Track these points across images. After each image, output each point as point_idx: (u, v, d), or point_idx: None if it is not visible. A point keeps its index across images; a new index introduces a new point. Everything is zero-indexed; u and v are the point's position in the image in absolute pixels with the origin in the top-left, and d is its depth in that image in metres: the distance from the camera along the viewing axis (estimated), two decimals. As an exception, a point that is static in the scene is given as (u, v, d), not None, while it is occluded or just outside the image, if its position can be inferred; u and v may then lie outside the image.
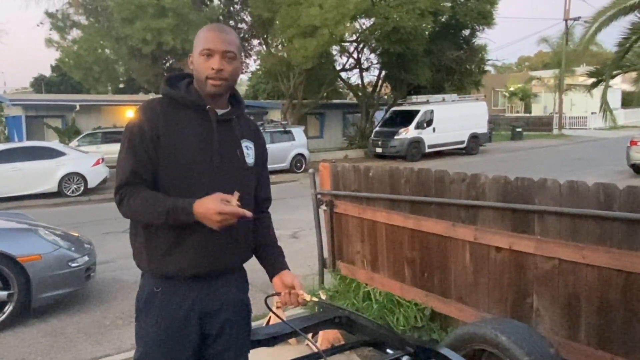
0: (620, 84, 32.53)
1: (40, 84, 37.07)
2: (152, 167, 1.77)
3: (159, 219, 1.71)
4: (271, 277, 1.98)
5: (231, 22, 21.98)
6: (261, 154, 2.00)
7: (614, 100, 34.87)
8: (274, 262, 2.00)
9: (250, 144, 1.94)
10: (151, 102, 1.85)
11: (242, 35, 22.52)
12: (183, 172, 1.77)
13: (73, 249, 5.18)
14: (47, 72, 37.83)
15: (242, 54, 1.94)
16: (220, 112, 1.86)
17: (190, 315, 1.82)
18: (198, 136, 1.80)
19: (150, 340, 1.83)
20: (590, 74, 9.07)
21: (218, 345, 1.88)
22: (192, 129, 1.80)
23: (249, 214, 1.68)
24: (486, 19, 22.65)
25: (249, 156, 1.92)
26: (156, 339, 1.82)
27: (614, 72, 8.21)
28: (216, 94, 1.82)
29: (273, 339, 2.57)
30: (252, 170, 1.93)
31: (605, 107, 8.44)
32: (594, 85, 8.67)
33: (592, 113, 32.45)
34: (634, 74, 8.62)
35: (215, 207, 1.63)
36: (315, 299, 1.92)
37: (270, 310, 2.05)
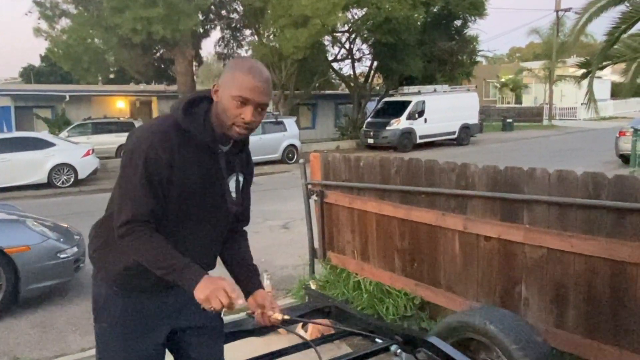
0: (609, 75, 32.67)
1: (29, 74, 36.66)
2: (165, 200, 1.69)
3: (159, 270, 1.64)
4: (246, 297, 1.94)
5: (223, 12, 21.83)
6: (248, 184, 1.97)
7: (604, 91, 35.06)
8: (249, 282, 1.97)
9: (241, 177, 1.90)
10: (165, 128, 1.70)
11: (233, 25, 22.38)
12: (185, 209, 1.73)
13: (62, 239, 5.15)
14: (37, 62, 37.46)
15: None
16: (224, 148, 1.79)
17: (156, 313, 1.79)
18: (206, 177, 1.74)
19: (113, 340, 1.76)
20: (580, 65, 9.09)
21: (191, 336, 1.87)
22: (201, 168, 1.73)
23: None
24: (478, 10, 22.64)
25: (237, 190, 1.88)
26: (119, 338, 1.76)
27: (604, 63, 8.22)
28: (238, 140, 1.77)
29: (263, 329, 2.57)
30: (237, 202, 1.90)
31: (590, 96, 8.46)
32: (584, 76, 8.68)
33: (582, 104, 32.52)
34: (623, 65, 8.62)
35: (232, 287, 1.60)
36: (287, 317, 1.90)
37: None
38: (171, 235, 1.71)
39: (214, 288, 1.56)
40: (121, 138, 17.03)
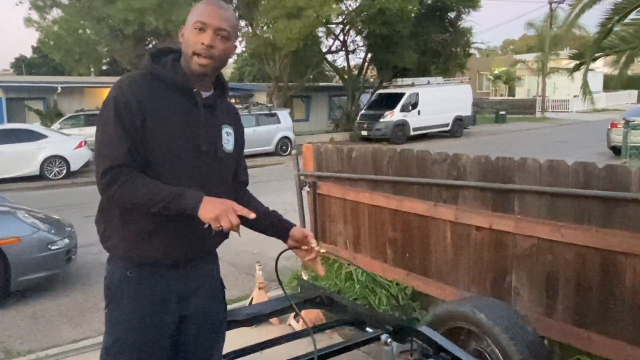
0: (602, 67, 32.73)
1: (21, 65, 36.38)
2: (143, 148, 1.65)
3: (157, 205, 1.60)
4: (285, 241, 1.95)
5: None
6: (240, 139, 1.93)
7: (596, 83, 35.11)
8: (278, 226, 1.96)
9: (231, 130, 1.87)
10: (134, 75, 1.71)
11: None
12: (169, 157, 1.68)
13: (53, 231, 5.12)
14: (28, 53, 37.15)
15: (236, 37, 1.84)
16: (204, 94, 1.76)
17: (168, 298, 1.76)
18: (184, 120, 1.70)
19: (125, 327, 1.74)
20: (573, 57, 9.08)
21: (195, 325, 1.83)
22: (177, 111, 1.69)
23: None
24: (472, 1, 22.63)
25: (229, 142, 1.85)
26: (132, 325, 1.73)
27: (597, 55, 8.21)
28: (202, 74, 1.71)
29: (254, 319, 2.58)
30: (231, 156, 1.87)
31: (585, 88, 8.45)
32: (576, 67, 8.67)
33: (575, 96, 32.65)
34: (615, 57, 8.61)
35: (240, 206, 1.59)
36: (324, 251, 1.92)
37: (276, 270, 1.99)
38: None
39: (224, 208, 1.56)
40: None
